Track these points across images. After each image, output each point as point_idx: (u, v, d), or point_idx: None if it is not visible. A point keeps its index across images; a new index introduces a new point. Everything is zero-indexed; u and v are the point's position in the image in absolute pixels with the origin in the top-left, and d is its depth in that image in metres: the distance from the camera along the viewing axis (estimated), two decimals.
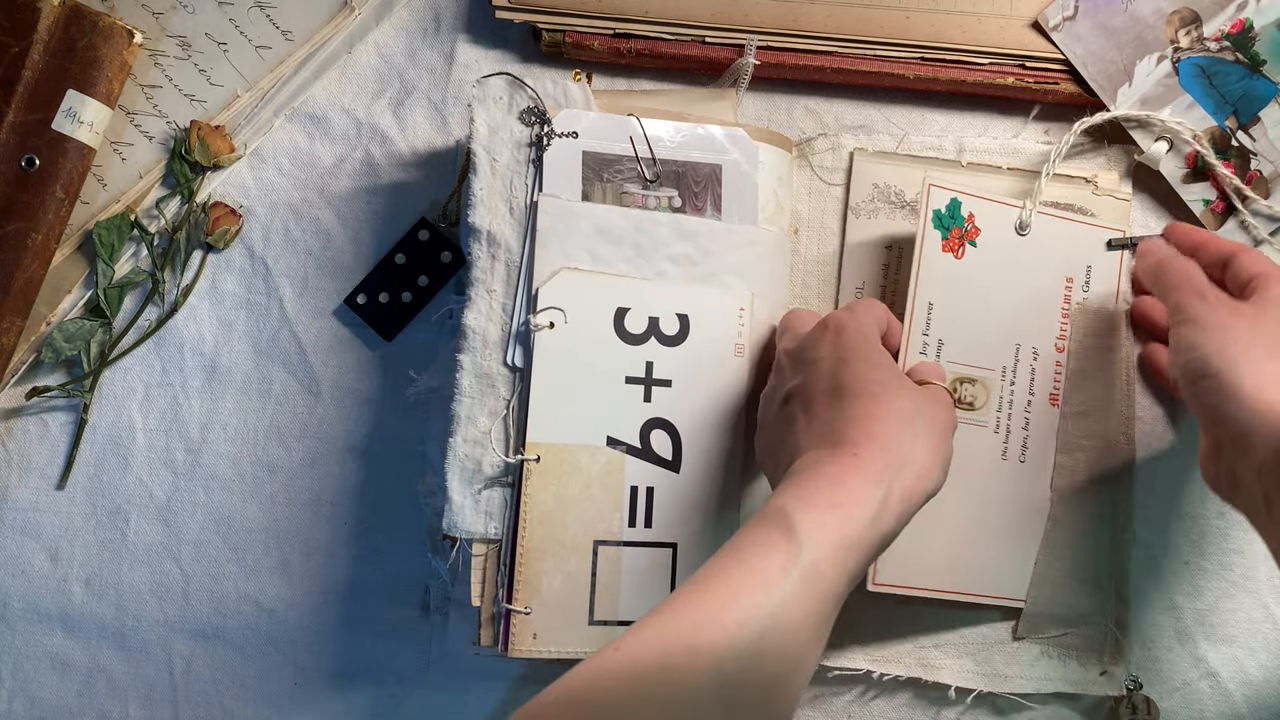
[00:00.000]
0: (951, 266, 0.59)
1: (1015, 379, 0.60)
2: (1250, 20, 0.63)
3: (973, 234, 0.59)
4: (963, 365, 0.59)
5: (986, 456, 0.59)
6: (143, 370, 0.64)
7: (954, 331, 0.59)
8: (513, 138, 0.59)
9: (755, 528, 0.45)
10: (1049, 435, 0.61)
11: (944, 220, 0.58)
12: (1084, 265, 0.62)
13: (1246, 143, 0.63)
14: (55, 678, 0.62)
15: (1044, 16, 0.63)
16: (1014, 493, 0.60)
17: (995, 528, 0.60)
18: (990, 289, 0.60)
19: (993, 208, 0.60)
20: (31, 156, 0.61)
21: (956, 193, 0.59)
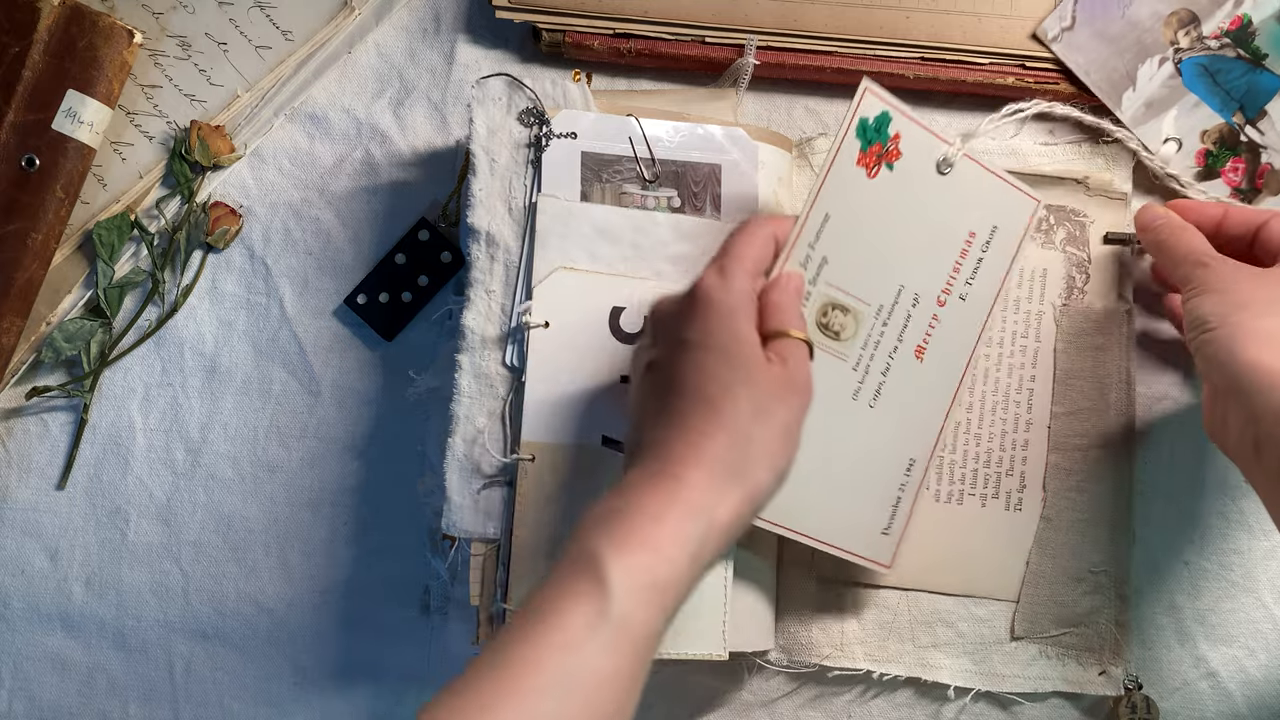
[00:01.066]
0: (860, 184, 0.54)
1: (889, 321, 0.56)
2: (1248, 16, 0.63)
3: (892, 155, 0.55)
4: (839, 291, 0.54)
5: (838, 393, 0.55)
6: (143, 370, 0.64)
7: (841, 252, 0.54)
8: (512, 138, 0.59)
9: (564, 576, 0.42)
10: (904, 387, 0.57)
11: (868, 132, 0.54)
12: (990, 225, 0.59)
13: (1255, 137, 0.63)
14: (55, 678, 0.62)
15: (1042, 29, 0.63)
16: (859, 436, 0.56)
17: (840, 471, 0.56)
18: (891, 220, 0.56)
19: (922, 136, 0.56)
20: (31, 156, 0.61)
21: (890, 106, 0.54)
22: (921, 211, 0.57)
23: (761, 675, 0.62)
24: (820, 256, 0.53)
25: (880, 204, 0.55)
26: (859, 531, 0.56)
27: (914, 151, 0.56)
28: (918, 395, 0.57)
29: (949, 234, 0.58)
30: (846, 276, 0.54)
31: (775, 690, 0.62)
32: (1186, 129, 0.63)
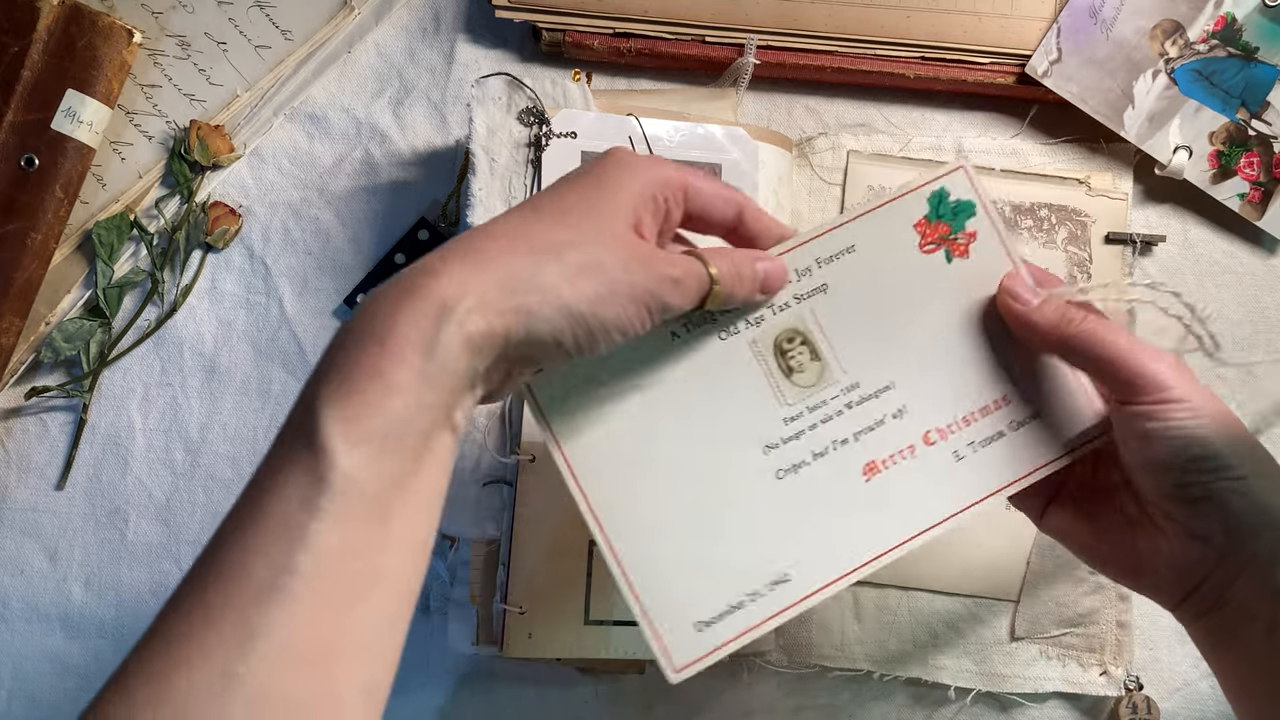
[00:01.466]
0: (906, 249, 0.46)
1: (853, 408, 0.45)
2: (1231, 14, 0.63)
3: (956, 249, 0.46)
4: (819, 331, 0.45)
5: (750, 431, 0.45)
6: (142, 370, 0.64)
7: (846, 296, 0.45)
8: (511, 138, 0.59)
9: (279, 443, 0.35)
10: (826, 491, 0.45)
11: (941, 206, 0.46)
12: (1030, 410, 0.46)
13: (1263, 129, 0.63)
14: (55, 678, 0.62)
15: (1031, 66, 0.63)
16: (742, 496, 0.44)
17: (694, 515, 0.44)
18: (920, 309, 0.46)
19: (1000, 257, 0.46)
20: (31, 156, 0.61)
21: (979, 201, 0.46)
22: (961, 328, 0.46)
23: (762, 676, 0.62)
24: (821, 281, 0.45)
25: (917, 285, 0.46)
26: (673, 602, 0.43)
27: (982, 265, 0.46)
28: (834, 513, 0.44)
29: (978, 378, 0.46)
30: (836, 325, 0.45)
31: (776, 691, 0.62)
32: (1193, 135, 0.63)
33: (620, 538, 0.43)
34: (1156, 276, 0.66)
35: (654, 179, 0.40)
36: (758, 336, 0.45)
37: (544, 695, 0.62)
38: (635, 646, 0.56)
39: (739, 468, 0.44)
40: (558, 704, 0.62)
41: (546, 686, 0.62)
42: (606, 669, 0.60)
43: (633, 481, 0.43)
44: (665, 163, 0.42)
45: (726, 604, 0.43)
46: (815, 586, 0.44)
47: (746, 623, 0.43)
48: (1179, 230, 0.66)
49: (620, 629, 0.56)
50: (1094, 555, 0.46)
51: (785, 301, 0.45)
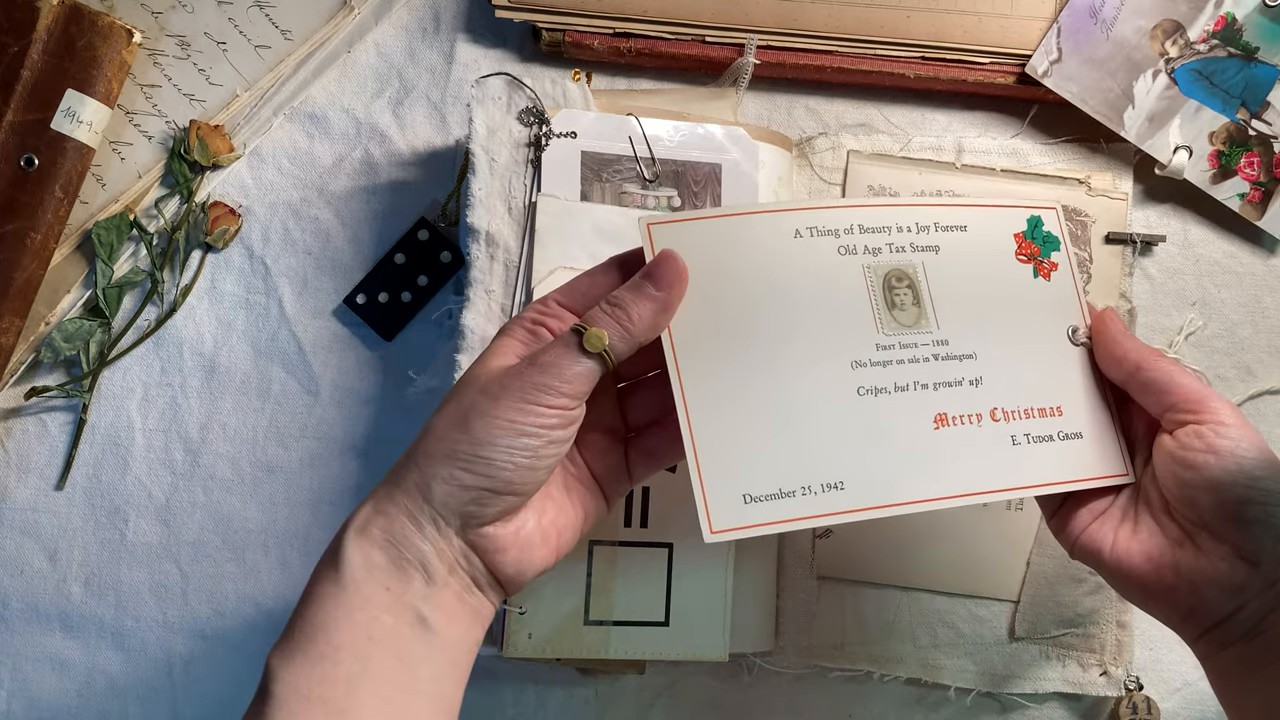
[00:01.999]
0: (1001, 247, 0.50)
1: (939, 358, 0.48)
2: (1231, 14, 0.63)
3: (1043, 268, 0.51)
4: (926, 285, 0.49)
5: (842, 343, 0.47)
6: (142, 370, 0.64)
7: (952, 262, 0.49)
8: (511, 138, 0.59)
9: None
10: (898, 422, 0.47)
11: (1035, 231, 0.51)
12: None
13: (1264, 129, 0.63)
14: (54, 678, 0.62)
15: (1031, 66, 0.63)
16: (818, 396, 0.46)
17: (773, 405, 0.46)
18: (1003, 302, 0.50)
19: (1069, 292, 0.51)
20: (30, 156, 0.61)
21: (1062, 239, 0.51)
22: (1037, 334, 0.50)
23: (761, 676, 0.62)
24: (936, 242, 0.49)
25: (1008, 283, 0.50)
26: (729, 469, 0.45)
27: (1058, 294, 0.51)
28: (900, 446, 0.47)
29: (1046, 382, 0.50)
30: (940, 283, 0.49)
31: (776, 691, 0.62)
32: (1193, 135, 0.63)
33: (696, 395, 0.45)
34: (1157, 276, 0.65)
35: (511, 325, 0.45)
36: (872, 264, 0.48)
37: (544, 695, 0.62)
38: (635, 646, 0.56)
39: (826, 371, 0.46)
40: (558, 704, 0.62)
41: (546, 686, 0.62)
42: (606, 669, 0.60)
43: (724, 350, 0.45)
44: (529, 307, 0.46)
45: (779, 488, 0.45)
46: (864, 504, 0.46)
47: (791, 512, 0.45)
48: (1179, 230, 0.66)
49: (620, 629, 0.56)
50: (1128, 579, 0.47)
51: (904, 245, 0.48)
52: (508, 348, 0.44)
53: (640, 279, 0.44)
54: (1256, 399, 0.65)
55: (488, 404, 0.42)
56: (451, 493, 0.41)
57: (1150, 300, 0.65)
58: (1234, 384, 0.65)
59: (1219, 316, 0.66)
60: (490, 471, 0.41)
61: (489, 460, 0.41)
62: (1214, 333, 0.66)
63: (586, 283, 0.45)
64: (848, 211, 0.48)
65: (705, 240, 0.46)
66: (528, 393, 0.41)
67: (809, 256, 0.47)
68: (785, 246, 0.47)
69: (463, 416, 0.42)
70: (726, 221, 0.46)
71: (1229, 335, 0.66)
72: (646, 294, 0.43)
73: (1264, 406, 0.66)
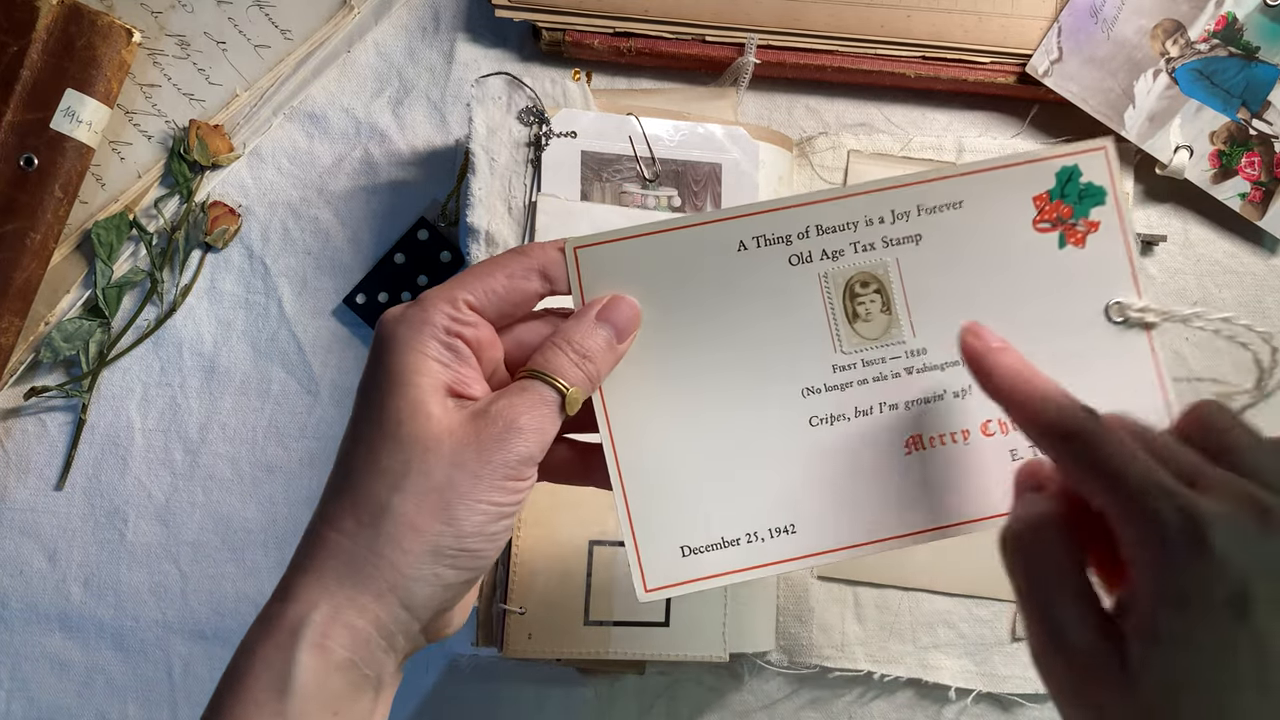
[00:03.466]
0: (1017, 219, 0.41)
1: (910, 373, 0.42)
2: (1232, 13, 0.63)
3: (1073, 234, 0.42)
4: (898, 281, 0.42)
5: (795, 368, 0.41)
6: (141, 370, 0.64)
7: (934, 251, 0.41)
8: (511, 137, 0.59)
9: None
10: (858, 454, 0.41)
11: (1068, 185, 0.42)
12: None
13: (1264, 129, 0.63)
14: (54, 678, 0.62)
15: (1032, 66, 0.63)
16: (765, 425, 0.41)
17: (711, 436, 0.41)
18: (1012, 289, 0.42)
19: (1120, 256, 0.42)
20: (30, 156, 0.61)
21: (1111, 190, 0.42)
22: (1055, 324, 0.42)
23: (762, 676, 0.62)
24: (916, 230, 0.41)
25: (1021, 262, 0.42)
26: (664, 519, 0.40)
27: (1096, 261, 0.42)
28: (863, 478, 0.41)
29: (1054, 375, 0.39)
30: (919, 281, 0.41)
31: (776, 691, 0.62)
32: (1194, 134, 0.63)
33: (626, 440, 0.40)
34: (1157, 276, 0.65)
35: (420, 334, 0.36)
36: (831, 271, 0.41)
37: (544, 695, 0.62)
38: (635, 646, 0.56)
39: (772, 404, 0.41)
40: (558, 704, 0.62)
41: (546, 686, 0.62)
42: (606, 669, 0.60)
43: (657, 387, 0.40)
44: (426, 301, 0.37)
45: (720, 537, 0.40)
46: (821, 548, 0.40)
47: (736, 562, 0.40)
48: (1180, 230, 0.66)
49: (620, 629, 0.56)
50: None
51: (871, 242, 0.41)
52: (430, 371, 0.36)
53: (597, 322, 0.38)
54: None
55: (468, 485, 0.35)
56: (434, 594, 0.35)
57: (1150, 300, 0.65)
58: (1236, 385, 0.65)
59: None
60: (474, 564, 0.36)
61: (475, 552, 0.35)
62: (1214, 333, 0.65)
63: (503, 284, 0.38)
64: (802, 211, 0.41)
65: (638, 263, 0.40)
66: (512, 468, 0.35)
67: (754, 273, 0.41)
68: (728, 263, 0.41)
69: (441, 501, 0.35)
70: (662, 239, 0.40)
71: (1229, 335, 0.66)
72: (608, 344, 0.38)
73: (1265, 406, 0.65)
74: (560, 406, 0.37)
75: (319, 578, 0.35)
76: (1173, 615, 0.30)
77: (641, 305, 0.40)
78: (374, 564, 0.35)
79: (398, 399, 0.36)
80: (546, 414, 0.36)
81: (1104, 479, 0.32)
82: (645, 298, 0.40)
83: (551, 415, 0.37)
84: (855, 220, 0.41)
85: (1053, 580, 0.34)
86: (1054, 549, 0.34)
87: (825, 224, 0.41)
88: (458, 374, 0.37)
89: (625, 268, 0.40)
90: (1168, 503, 0.31)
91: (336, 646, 0.34)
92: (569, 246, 0.39)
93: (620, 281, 0.40)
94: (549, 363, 0.37)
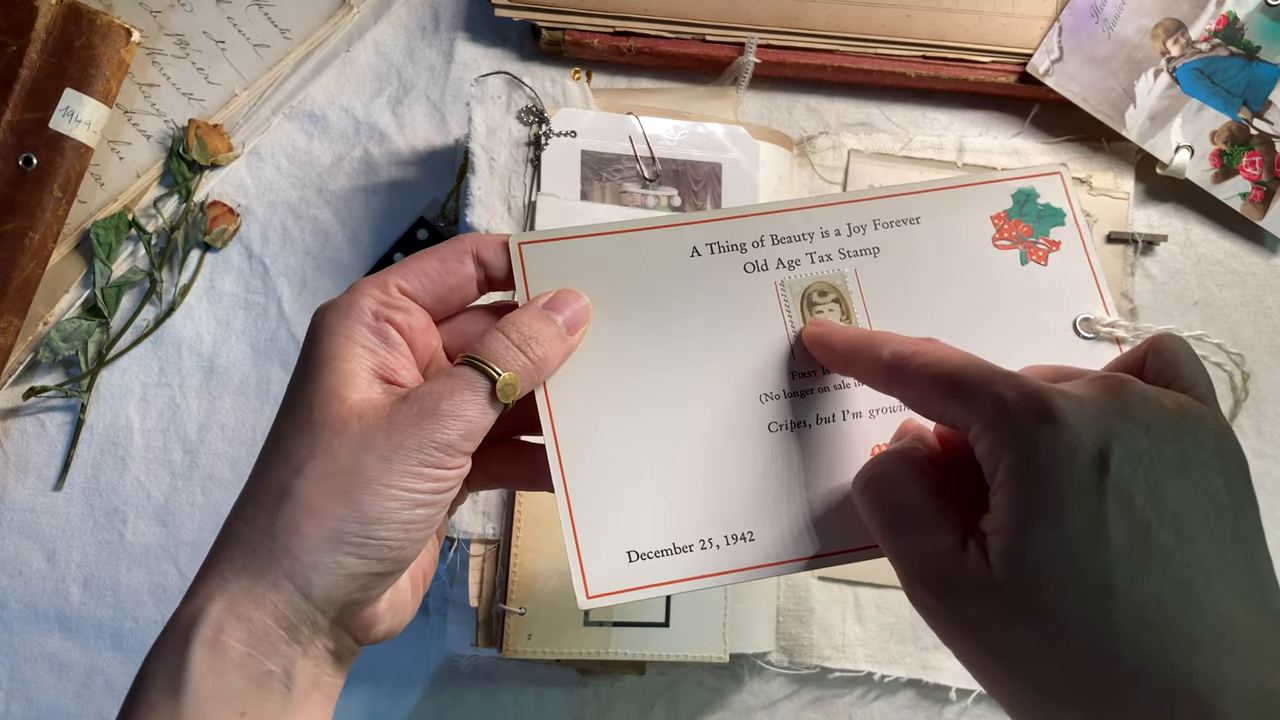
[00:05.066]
0: (975, 236, 0.41)
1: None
2: (1233, 13, 0.63)
3: (1033, 252, 0.42)
4: (857, 293, 0.41)
5: (753, 371, 0.40)
6: (140, 370, 0.63)
7: (894, 265, 0.41)
8: (511, 137, 0.59)
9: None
10: (817, 460, 0.39)
11: (1025, 205, 0.42)
12: None
13: (1265, 128, 0.63)
14: (53, 679, 0.62)
15: (1033, 65, 0.63)
16: (722, 426, 0.39)
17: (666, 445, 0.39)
18: (970, 303, 0.41)
19: (1084, 275, 0.42)
20: (29, 156, 0.61)
21: (1070, 211, 0.42)
22: (1017, 339, 0.41)
23: (762, 677, 0.62)
24: (874, 243, 0.41)
25: (980, 279, 0.41)
26: (610, 523, 0.38)
27: (1059, 278, 0.42)
28: (826, 484, 0.40)
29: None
30: (878, 293, 0.41)
31: (776, 692, 0.62)
32: (1195, 134, 0.63)
33: (570, 438, 0.38)
34: (1158, 276, 0.65)
35: (346, 319, 0.35)
36: (787, 280, 0.40)
37: (544, 695, 0.62)
38: (635, 647, 0.56)
39: (729, 408, 0.39)
40: (558, 704, 0.62)
41: (546, 686, 0.62)
42: (606, 669, 0.60)
43: (606, 387, 0.39)
44: (356, 287, 0.36)
45: (671, 542, 0.38)
46: (780, 558, 0.39)
47: (687, 570, 0.38)
48: (1180, 230, 0.66)
49: (620, 629, 0.56)
50: None
51: (829, 253, 0.41)
52: (354, 356, 0.34)
53: (545, 310, 0.37)
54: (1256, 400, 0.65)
55: (377, 469, 0.32)
56: (337, 584, 0.33)
57: (1152, 300, 0.65)
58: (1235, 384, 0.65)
59: (1220, 316, 0.66)
60: (384, 554, 0.33)
61: (383, 541, 0.33)
62: (1215, 333, 0.65)
63: (437, 269, 0.36)
64: (756, 221, 0.40)
65: (588, 263, 0.39)
66: (427, 454, 0.33)
67: (709, 278, 0.40)
68: (681, 268, 0.40)
69: (345, 485, 0.32)
70: (612, 241, 0.40)
71: (1230, 335, 0.65)
72: (560, 336, 0.36)
73: (1265, 407, 0.65)
74: (491, 394, 0.34)
75: (217, 569, 0.33)
76: (1031, 489, 0.29)
77: (591, 305, 0.39)
78: (270, 549, 0.32)
79: (315, 384, 0.34)
80: (471, 400, 0.34)
81: (945, 384, 0.32)
82: (594, 298, 0.39)
83: (478, 402, 0.34)
84: (810, 232, 0.41)
85: (905, 505, 0.33)
86: (903, 479, 0.34)
87: (780, 234, 0.41)
88: (385, 360, 0.35)
89: (573, 267, 0.39)
90: (1008, 385, 0.30)
91: (232, 641, 0.32)
92: (512, 242, 0.38)
93: (568, 280, 0.39)
94: (484, 347, 0.35)
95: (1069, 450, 0.29)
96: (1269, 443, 0.65)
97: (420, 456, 0.33)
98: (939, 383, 0.32)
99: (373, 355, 0.35)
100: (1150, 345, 0.35)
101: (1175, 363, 0.33)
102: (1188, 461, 0.30)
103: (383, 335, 0.35)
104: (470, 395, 0.34)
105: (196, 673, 0.32)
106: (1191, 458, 0.30)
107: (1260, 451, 0.65)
